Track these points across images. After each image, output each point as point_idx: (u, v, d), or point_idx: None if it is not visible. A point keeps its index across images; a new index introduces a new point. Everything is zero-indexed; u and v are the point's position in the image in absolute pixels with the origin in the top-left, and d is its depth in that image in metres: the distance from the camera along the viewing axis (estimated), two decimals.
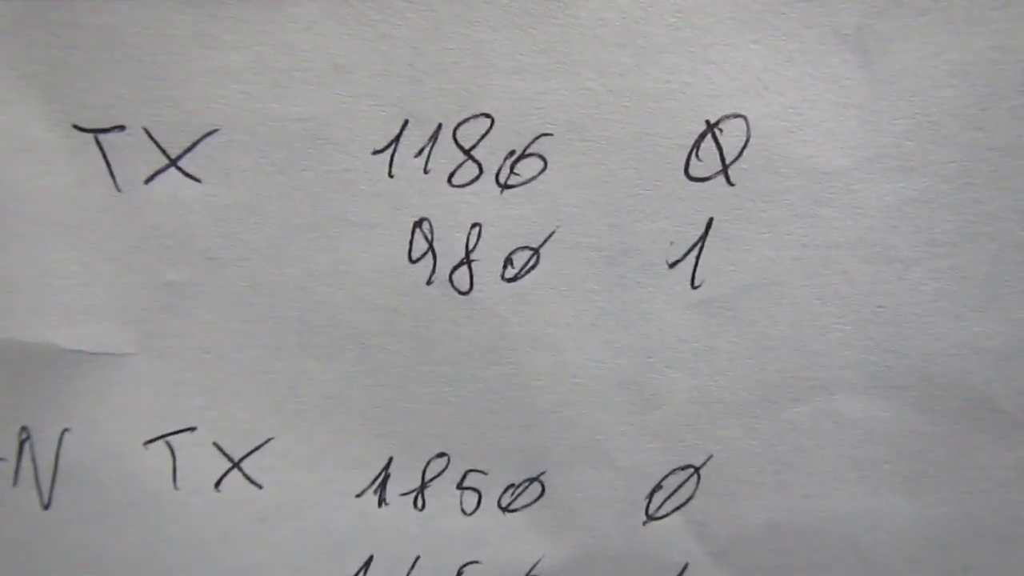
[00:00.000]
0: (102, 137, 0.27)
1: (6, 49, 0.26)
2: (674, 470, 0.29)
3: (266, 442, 0.29)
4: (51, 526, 0.29)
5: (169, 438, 0.29)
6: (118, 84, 0.26)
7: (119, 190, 0.27)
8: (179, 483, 0.29)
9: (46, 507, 0.29)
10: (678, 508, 0.29)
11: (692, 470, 0.29)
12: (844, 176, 0.26)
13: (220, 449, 0.29)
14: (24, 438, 0.29)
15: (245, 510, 0.30)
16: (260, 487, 0.29)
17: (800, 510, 0.29)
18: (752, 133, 0.26)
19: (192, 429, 0.29)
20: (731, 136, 0.26)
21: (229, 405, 0.29)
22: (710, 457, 0.29)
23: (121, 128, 0.26)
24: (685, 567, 0.30)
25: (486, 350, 0.28)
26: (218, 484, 0.29)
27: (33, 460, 0.29)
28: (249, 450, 0.29)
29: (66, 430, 0.29)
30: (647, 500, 0.29)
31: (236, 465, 0.29)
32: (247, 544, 0.30)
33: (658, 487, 0.29)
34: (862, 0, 0.24)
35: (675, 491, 0.29)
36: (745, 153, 0.26)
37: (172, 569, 0.30)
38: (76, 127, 0.26)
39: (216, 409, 0.29)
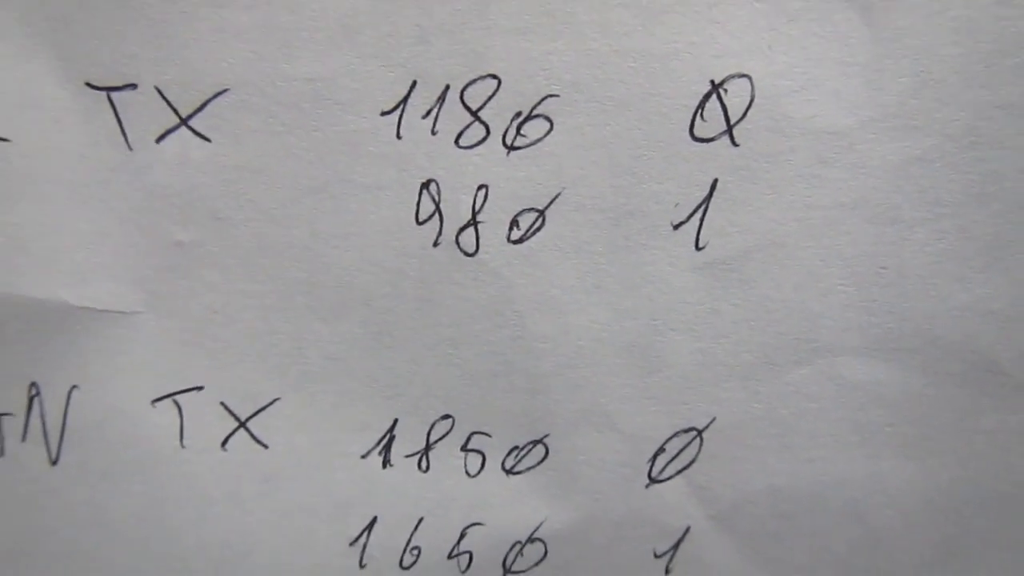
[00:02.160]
0: (114, 95, 0.27)
1: (17, 6, 0.26)
2: (677, 433, 0.29)
3: (272, 402, 0.29)
4: (58, 482, 0.30)
5: (176, 397, 0.29)
6: (130, 42, 0.26)
7: (130, 149, 0.27)
8: (186, 442, 0.30)
9: (54, 463, 0.30)
10: (680, 471, 0.29)
11: (695, 433, 0.29)
12: (848, 136, 0.26)
13: (227, 408, 0.29)
14: (33, 394, 0.29)
15: (251, 470, 0.30)
16: (266, 447, 0.30)
17: (802, 474, 0.29)
18: (756, 93, 0.26)
19: (199, 388, 0.29)
20: (735, 96, 0.26)
21: (236, 365, 0.29)
22: (713, 420, 0.29)
23: (133, 86, 0.27)
24: (687, 530, 0.30)
25: (491, 312, 0.28)
26: (224, 443, 0.30)
27: (42, 416, 0.29)
28: (256, 410, 0.29)
29: (74, 387, 0.29)
30: (650, 463, 0.29)
31: (243, 425, 0.29)
32: (252, 503, 0.30)
33: (661, 450, 0.29)
34: None
35: (678, 454, 0.29)
36: (749, 113, 0.26)
37: (178, 527, 0.30)
38: (88, 85, 0.27)
39: (223, 369, 0.29)
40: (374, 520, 0.30)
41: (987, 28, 0.25)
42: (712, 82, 0.26)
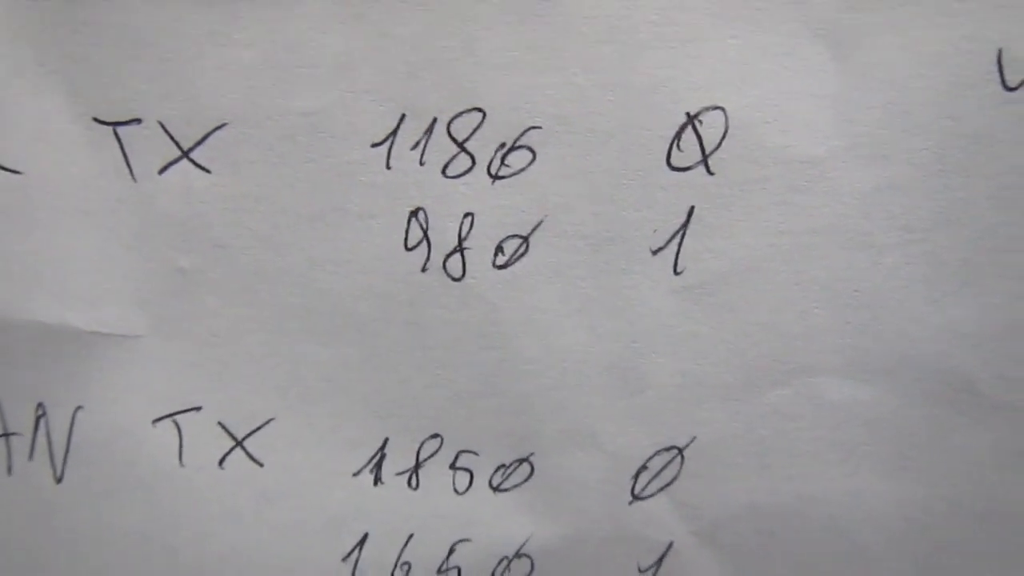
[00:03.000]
0: (120, 129, 0.28)
1: (34, 46, 0.28)
2: (659, 451, 0.30)
3: (268, 422, 0.30)
4: (63, 500, 0.31)
5: (176, 417, 0.30)
6: (136, 79, 0.28)
7: (135, 180, 0.29)
8: (185, 460, 0.31)
9: (59, 481, 0.31)
10: (663, 488, 0.30)
11: (676, 451, 0.30)
12: (819, 164, 0.27)
13: (224, 428, 0.30)
14: (40, 414, 0.30)
15: (247, 487, 0.31)
16: (261, 465, 0.31)
17: (782, 491, 0.30)
18: (730, 124, 0.27)
19: (198, 409, 0.30)
20: (710, 127, 0.27)
21: (234, 386, 0.30)
22: (694, 439, 0.30)
23: (138, 121, 0.28)
24: (670, 546, 0.30)
25: (477, 335, 0.29)
26: (222, 462, 0.31)
27: (48, 436, 0.31)
28: (252, 429, 0.30)
29: (79, 408, 0.30)
30: (633, 480, 0.30)
31: (239, 444, 0.31)
32: (248, 520, 0.31)
33: (643, 468, 0.30)
34: None
35: (660, 472, 0.30)
36: (724, 143, 0.27)
37: (176, 544, 0.31)
38: (96, 120, 0.28)
39: (221, 390, 0.30)
40: (365, 536, 0.31)
41: (952, 62, 0.26)
42: (688, 114, 0.27)
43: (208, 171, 0.28)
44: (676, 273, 0.28)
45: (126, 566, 0.31)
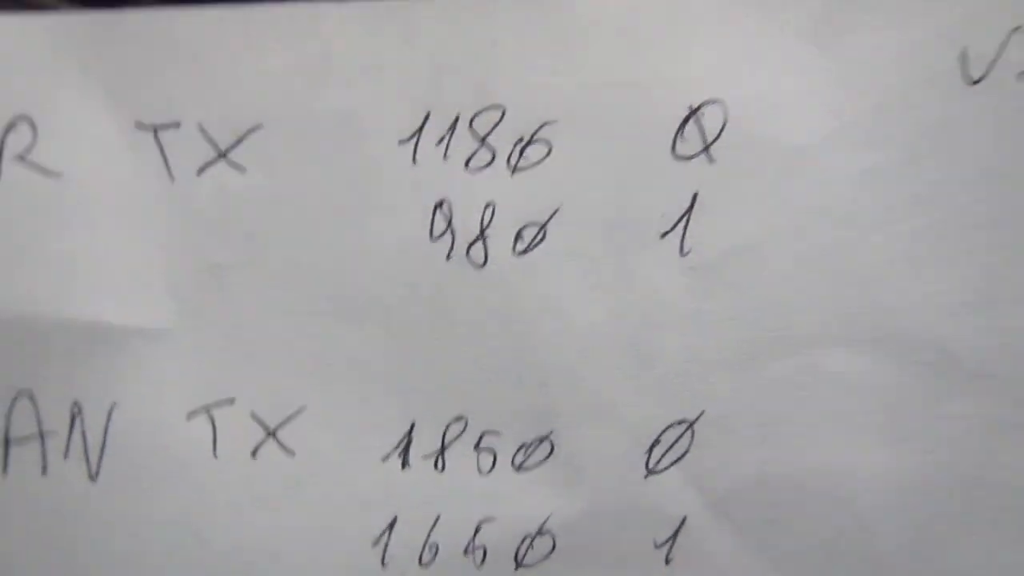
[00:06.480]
0: (160, 133, 0.30)
1: (79, 56, 0.30)
2: (671, 425, 0.31)
3: (299, 411, 0.32)
4: (98, 497, 0.32)
5: (210, 410, 0.32)
6: (176, 86, 0.30)
7: (173, 180, 0.30)
8: (218, 453, 0.32)
9: (94, 479, 0.32)
10: (675, 462, 0.32)
11: (687, 425, 0.31)
12: (810, 152, 0.30)
13: (257, 419, 0.32)
14: (75, 412, 0.31)
15: (278, 476, 0.32)
16: (293, 454, 0.32)
17: (787, 463, 0.31)
18: (729, 116, 0.29)
19: (231, 401, 0.32)
20: (711, 119, 0.30)
21: (265, 377, 0.31)
22: (703, 412, 0.31)
23: (177, 125, 0.30)
24: (684, 520, 0.32)
25: (499, 318, 0.31)
26: (254, 452, 0.32)
27: (83, 433, 0.31)
28: (283, 419, 0.32)
29: (115, 404, 0.31)
30: (647, 455, 0.32)
31: (271, 434, 0.32)
32: (280, 509, 0.32)
33: (657, 442, 0.31)
34: (818, 1, 0.29)
35: (672, 445, 0.32)
36: (723, 134, 0.30)
37: (209, 533, 0.32)
38: (137, 124, 0.30)
39: (254, 381, 0.31)
40: (394, 520, 0.32)
41: (918, 58, 0.29)
42: (690, 107, 0.29)
43: (244, 170, 0.30)
44: (683, 254, 0.30)
45: (159, 559, 0.32)
